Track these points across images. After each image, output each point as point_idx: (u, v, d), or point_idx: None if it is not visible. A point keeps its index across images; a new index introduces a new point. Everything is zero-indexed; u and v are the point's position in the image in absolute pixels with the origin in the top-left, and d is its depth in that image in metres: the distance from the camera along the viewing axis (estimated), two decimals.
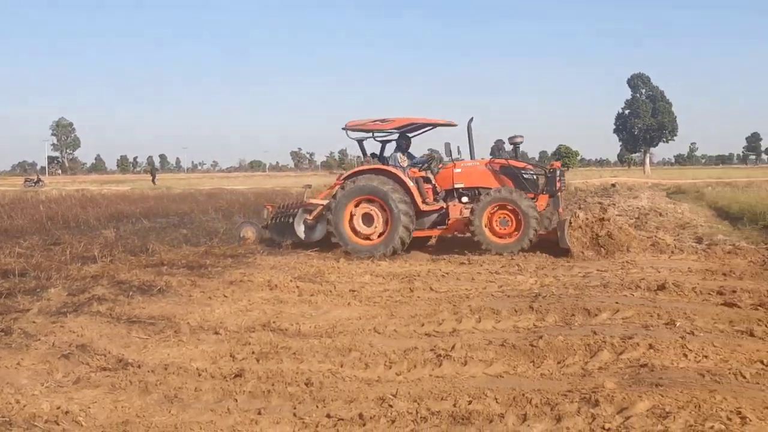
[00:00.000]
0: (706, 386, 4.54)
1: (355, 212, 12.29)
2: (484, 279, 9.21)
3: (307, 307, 7.67)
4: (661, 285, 8.06)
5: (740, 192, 24.82)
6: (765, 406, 4.15)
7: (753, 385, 4.65)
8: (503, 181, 12.68)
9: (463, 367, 5.33)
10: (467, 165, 13.07)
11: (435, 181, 13.27)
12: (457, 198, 12.94)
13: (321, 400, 4.64)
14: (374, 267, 10.42)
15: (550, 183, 12.70)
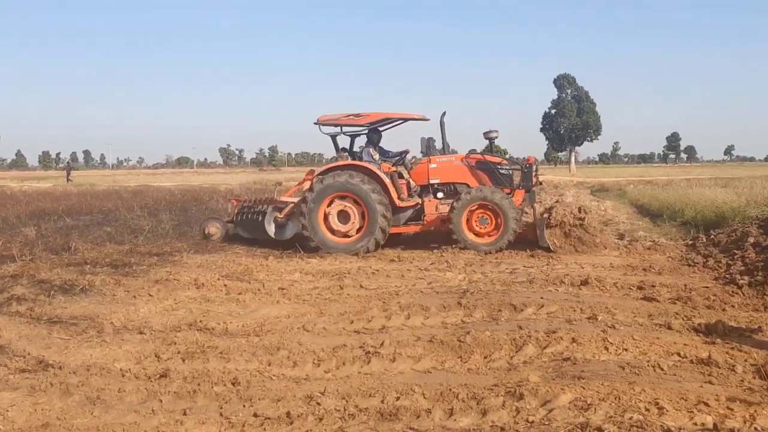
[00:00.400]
0: (626, 378, 4.68)
1: (330, 210, 12.04)
2: (414, 276, 9.27)
3: (235, 306, 7.57)
4: (584, 280, 8.28)
5: (660, 190, 25.57)
6: (681, 397, 4.30)
7: (670, 376, 4.81)
8: (479, 176, 12.60)
9: (391, 363, 5.35)
10: (442, 160, 12.89)
11: (410, 177, 13.11)
12: (432, 193, 12.77)
13: (248, 399, 4.59)
14: (304, 265, 10.34)
15: (526, 178, 12.56)
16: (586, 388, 4.45)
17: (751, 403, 4.23)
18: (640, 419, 3.94)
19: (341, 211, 12.03)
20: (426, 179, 12.77)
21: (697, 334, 5.95)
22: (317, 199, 11.97)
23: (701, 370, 4.94)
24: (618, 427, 3.86)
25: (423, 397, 4.53)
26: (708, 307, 7.03)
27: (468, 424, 4.11)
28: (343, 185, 11.95)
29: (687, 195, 20.12)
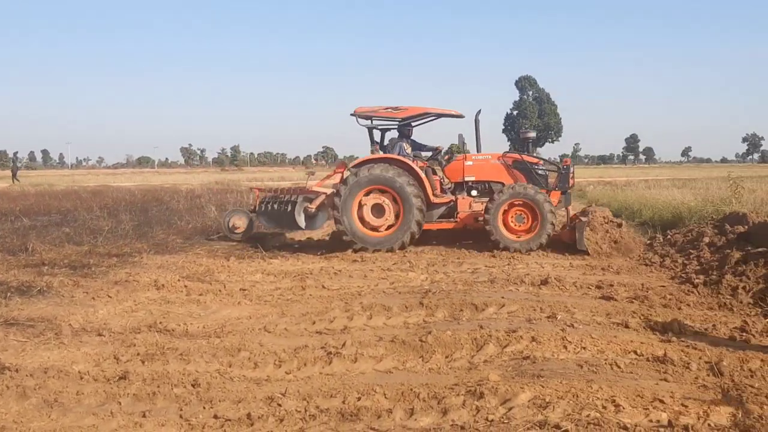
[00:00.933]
0: (584, 376, 4.76)
1: (364, 203, 11.91)
2: (377, 276, 9.28)
3: (196, 307, 7.51)
4: (544, 280, 8.38)
5: (619, 190, 25.98)
6: (637, 395, 4.37)
7: (627, 374, 4.89)
8: (515, 176, 12.49)
9: (353, 364, 5.36)
10: (479, 158, 12.78)
11: (444, 173, 12.99)
12: (466, 191, 12.66)
13: (208, 401, 4.57)
14: (265, 265, 10.29)
15: (562, 180, 12.44)
16: (544, 386, 4.51)
17: (704, 400, 4.32)
18: (597, 417, 4.01)
19: (376, 205, 11.91)
20: (461, 176, 12.66)
21: (653, 333, 6.06)
22: (351, 192, 11.82)
23: (657, 368, 5.03)
24: (575, 424, 3.92)
25: (384, 397, 4.55)
26: (664, 305, 7.16)
27: (428, 424, 4.14)
28: (378, 178, 11.82)
29: (645, 196, 20.51)
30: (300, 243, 13.27)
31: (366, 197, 11.90)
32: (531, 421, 4.03)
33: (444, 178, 12.96)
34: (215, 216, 17.20)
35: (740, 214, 11.37)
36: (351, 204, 11.79)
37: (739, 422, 3.99)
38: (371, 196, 11.91)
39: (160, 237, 13.81)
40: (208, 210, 18.61)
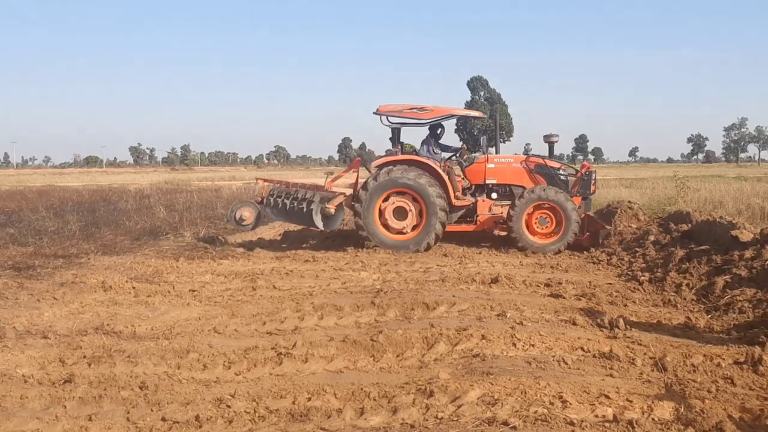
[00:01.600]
0: (532, 373, 4.82)
1: (385, 205, 11.74)
2: (328, 276, 9.26)
3: (144, 309, 7.39)
4: (494, 278, 8.48)
5: None
6: (584, 390, 4.45)
7: (574, 370, 4.97)
8: (537, 180, 12.40)
9: (303, 364, 5.34)
10: (501, 161, 12.67)
11: (465, 175, 12.82)
12: (486, 194, 12.56)
13: (156, 403, 4.50)
14: (216, 266, 10.17)
15: (584, 186, 12.39)
16: (494, 383, 4.56)
17: (648, 395, 4.42)
18: (544, 413, 4.07)
19: (399, 207, 11.75)
20: (482, 179, 12.55)
21: (600, 329, 6.17)
22: (372, 196, 11.66)
23: (603, 364, 5.12)
24: (524, 421, 3.97)
25: (334, 396, 4.55)
26: (611, 303, 7.31)
27: (379, 423, 4.15)
28: (400, 181, 11.65)
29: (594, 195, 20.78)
30: (251, 243, 13.14)
31: (387, 200, 11.76)
32: (480, 418, 4.07)
33: (464, 179, 12.84)
34: (164, 216, 16.98)
35: (684, 212, 11.67)
36: (373, 205, 11.66)
37: (682, 416, 4.09)
38: (393, 198, 11.77)
39: (108, 238, 13.56)
40: (158, 210, 18.34)
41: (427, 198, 11.51)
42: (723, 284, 7.48)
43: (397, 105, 12.33)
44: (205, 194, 25.73)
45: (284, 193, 12.37)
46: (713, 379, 4.79)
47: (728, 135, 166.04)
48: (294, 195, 12.24)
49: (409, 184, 11.59)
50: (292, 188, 12.56)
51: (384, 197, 11.72)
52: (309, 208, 11.82)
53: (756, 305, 6.60)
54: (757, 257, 7.88)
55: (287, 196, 12.26)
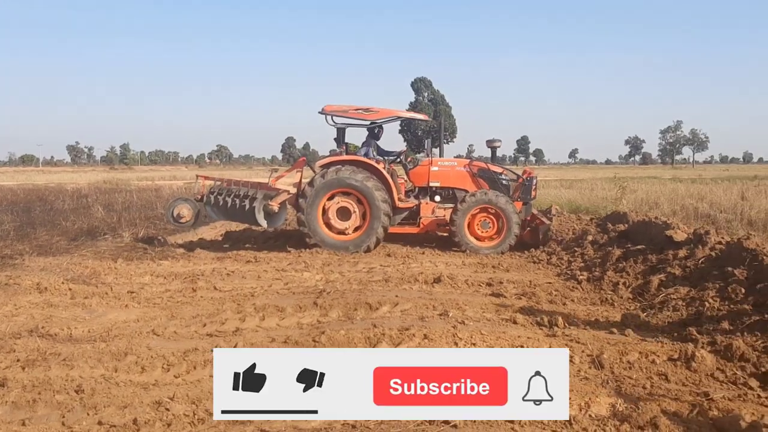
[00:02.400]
0: None
1: (329, 204, 11.64)
2: (271, 277, 9.18)
3: (81, 311, 7.22)
4: (437, 278, 8.53)
5: None
6: None
7: None
8: (480, 183, 12.50)
9: None
10: (444, 164, 12.72)
11: (408, 177, 12.80)
12: (429, 196, 12.58)
13: (92, 407, 4.40)
14: (155, 267, 9.99)
15: (525, 190, 12.50)
16: None
17: (586, 392, 4.50)
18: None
19: (342, 208, 11.69)
20: (426, 181, 12.59)
21: (540, 328, 6.27)
22: (318, 194, 11.57)
23: None
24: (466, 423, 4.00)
25: None
26: (550, 301, 7.43)
27: (320, 423, 4.13)
28: (346, 181, 11.58)
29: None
30: (191, 244, 12.96)
31: (331, 200, 11.72)
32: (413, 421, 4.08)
33: (408, 182, 12.90)
34: (102, 216, 16.63)
35: (621, 213, 11.93)
36: (317, 205, 11.60)
37: (618, 412, 4.19)
38: (337, 198, 11.74)
39: (44, 238, 13.22)
40: (96, 210, 17.95)
41: (372, 201, 11.54)
42: (658, 283, 7.68)
43: (342, 105, 12.29)
44: (144, 194, 25.30)
45: (225, 191, 12.22)
46: (648, 375, 4.91)
47: (664, 137, 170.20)
48: (236, 192, 12.09)
49: (356, 185, 11.59)
50: (234, 186, 12.39)
51: (329, 196, 11.70)
52: (251, 205, 11.69)
53: (689, 303, 6.79)
54: (690, 256, 8.11)
55: (228, 194, 12.10)
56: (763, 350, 5.19)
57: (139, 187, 32.81)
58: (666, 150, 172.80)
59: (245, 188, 12.17)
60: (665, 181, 37.65)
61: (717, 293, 6.72)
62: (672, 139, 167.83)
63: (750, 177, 44.89)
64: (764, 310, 5.87)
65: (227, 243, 13.09)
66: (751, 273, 6.82)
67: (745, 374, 4.86)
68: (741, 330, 5.69)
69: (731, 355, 5.16)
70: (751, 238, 7.78)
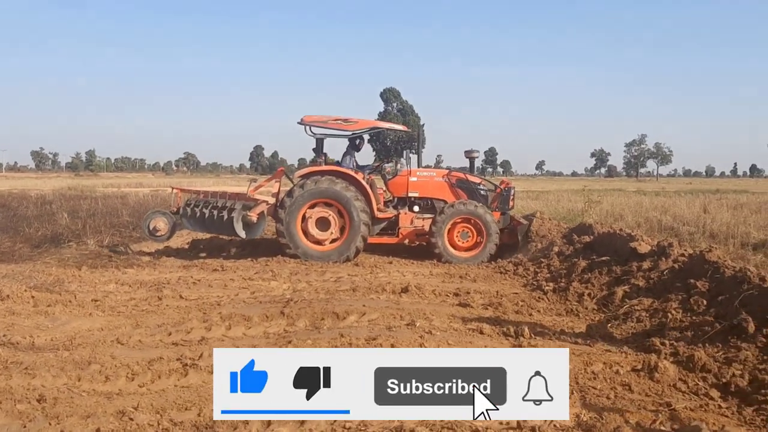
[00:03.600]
0: None
1: (309, 214, 11.56)
2: (237, 285, 9.13)
3: (44, 319, 7.10)
4: (404, 288, 8.55)
5: None
6: None
7: None
8: (459, 194, 12.56)
9: (210, 375, 5.22)
10: (423, 174, 12.76)
11: (387, 187, 12.79)
12: (408, 207, 12.58)
13: (54, 417, 4.33)
14: (120, 275, 9.88)
15: (503, 201, 12.62)
16: None
17: None
18: (450, 421, 4.12)
19: (321, 218, 11.63)
20: (405, 191, 12.61)
21: (506, 338, 6.30)
22: (297, 204, 11.51)
23: None
24: (430, 429, 4.02)
25: None
26: (516, 312, 7.50)
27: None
28: (326, 191, 11.56)
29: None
30: (157, 252, 12.83)
31: (311, 210, 11.68)
32: (388, 428, 4.09)
33: (387, 192, 12.91)
34: (67, 223, 16.37)
35: (587, 224, 12.06)
36: (297, 215, 11.56)
37: (582, 422, 4.22)
38: (317, 208, 11.70)
39: (6, 245, 13.01)
40: (60, 217, 17.66)
41: (352, 211, 11.56)
42: (622, 294, 7.78)
43: (322, 116, 12.31)
44: (110, 201, 24.97)
45: (202, 203, 12.19)
46: (612, 385, 4.97)
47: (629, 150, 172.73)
48: (213, 204, 12.05)
49: (337, 196, 11.60)
50: (212, 198, 12.35)
51: (309, 206, 11.69)
52: (230, 216, 11.64)
53: (652, 314, 6.88)
54: (654, 268, 8.22)
55: (206, 206, 12.07)
56: (724, 361, 5.28)
57: (104, 194, 32.31)
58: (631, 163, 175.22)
59: (223, 200, 12.15)
60: (630, 193, 38.13)
61: (680, 305, 6.82)
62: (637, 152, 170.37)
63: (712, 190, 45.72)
64: (725, 322, 5.97)
65: (194, 251, 13.00)
66: (712, 285, 6.93)
67: (707, 385, 4.94)
68: (703, 341, 5.79)
69: (693, 366, 5.24)
70: (712, 250, 7.91)
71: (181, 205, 12.47)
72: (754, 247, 12.64)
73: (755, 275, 6.57)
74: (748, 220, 16.94)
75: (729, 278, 6.80)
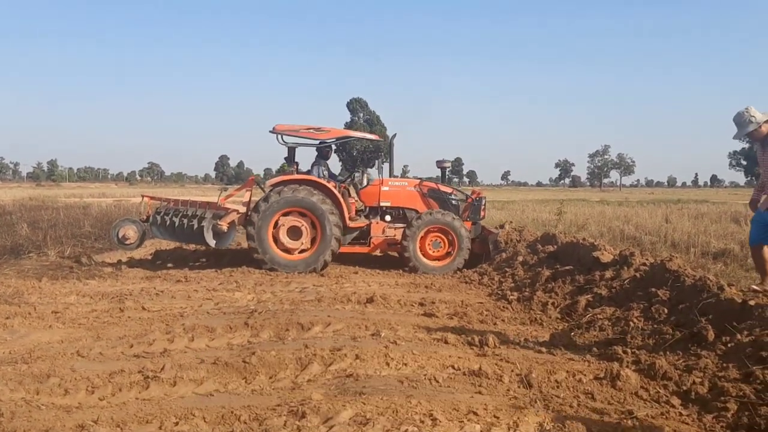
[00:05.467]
0: (404, 392, 4.87)
1: (281, 223, 11.48)
2: (201, 296, 9.04)
3: (1, 331, 6.93)
4: (370, 298, 8.55)
5: None
6: (453, 408, 4.54)
7: (445, 388, 5.07)
8: (430, 203, 12.62)
9: (172, 387, 5.18)
10: (395, 184, 12.77)
11: (359, 197, 12.74)
12: (380, 216, 12.56)
13: (12, 431, 4.24)
14: (81, 286, 9.73)
15: (474, 210, 12.67)
16: (366, 403, 4.57)
17: (515, 411, 4.55)
18: (414, 431, 4.12)
19: (292, 227, 11.56)
20: (376, 201, 12.63)
21: (470, 348, 6.33)
22: (270, 212, 11.44)
23: (473, 381, 5.25)
24: None
25: (204, 420, 4.43)
26: (481, 321, 7.53)
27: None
28: (303, 201, 11.51)
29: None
30: (120, 263, 12.66)
31: (284, 218, 11.63)
32: None
33: (359, 201, 12.89)
34: (27, 234, 16.08)
35: (551, 234, 12.16)
36: (268, 224, 11.50)
37: (545, 431, 4.25)
38: (289, 217, 11.65)
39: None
40: (20, 227, 17.35)
41: (323, 221, 11.56)
42: (585, 303, 7.85)
43: (294, 125, 12.29)
44: (72, 211, 24.59)
45: (173, 211, 12.08)
46: (575, 394, 5.00)
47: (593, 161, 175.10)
48: (183, 213, 11.96)
49: (313, 207, 11.59)
50: (182, 206, 12.24)
51: (280, 215, 11.66)
52: (200, 225, 11.57)
53: (615, 323, 6.95)
54: (616, 277, 8.32)
55: (176, 214, 11.97)
56: (685, 369, 5.34)
57: (66, 204, 31.82)
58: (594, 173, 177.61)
59: (193, 208, 12.06)
60: (593, 203, 38.58)
61: (641, 313, 6.90)
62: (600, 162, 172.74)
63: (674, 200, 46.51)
64: (686, 330, 6.06)
65: (157, 261, 12.85)
66: (673, 294, 7.03)
67: (668, 392, 4.99)
68: (664, 349, 5.87)
69: (654, 374, 5.30)
70: (673, 259, 8.02)
71: (151, 213, 12.34)
72: (714, 256, 12.86)
73: (714, 284, 6.68)
74: (709, 230, 17.24)
75: (689, 287, 6.90)
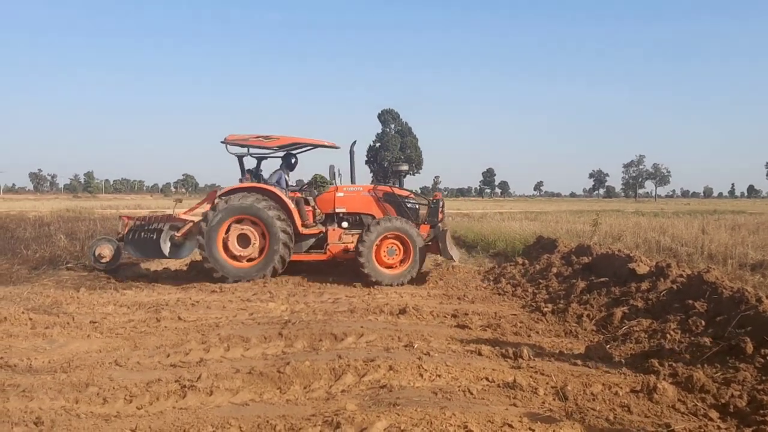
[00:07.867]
0: (438, 404, 4.86)
1: (231, 231, 11.58)
2: (235, 307, 9.12)
3: (41, 341, 7.08)
4: (402, 309, 8.54)
5: (475, 222, 26.90)
6: (488, 420, 4.51)
7: (479, 400, 5.05)
8: (386, 208, 12.56)
9: (208, 397, 5.23)
10: (350, 190, 12.72)
11: (316, 204, 12.78)
12: (337, 223, 12.57)
13: None
14: (118, 296, 9.88)
15: (432, 214, 12.67)
16: (400, 414, 4.57)
17: (550, 424, 4.52)
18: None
19: (241, 235, 11.63)
20: (332, 208, 12.59)
21: (504, 360, 6.29)
22: (219, 220, 11.52)
23: (507, 394, 5.22)
24: None
25: (240, 430, 4.46)
26: (515, 333, 7.48)
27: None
28: (247, 208, 11.59)
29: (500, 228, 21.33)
30: (156, 273, 12.83)
31: (236, 225, 11.69)
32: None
33: (316, 208, 12.89)
34: (65, 245, 16.35)
35: (585, 245, 12.06)
36: (217, 231, 11.56)
37: None
38: (239, 225, 11.71)
39: (4, 267, 13.00)
40: (58, 239, 17.65)
41: (272, 228, 11.60)
42: (621, 315, 7.77)
43: (243, 134, 12.39)
44: (108, 223, 24.92)
45: (140, 227, 12.48)
46: (611, 407, 4.95)
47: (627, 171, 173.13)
48: (147, 227, 12.36)
49: (259, 213, 11.64)
50: (148, 221, 12.61)
51: (231, 223, 11.72)
52: (158, 237, 11.94)
53: (651, 335, 6.87)
54: (652, 289, 8.23)
55: (141, 229, 12.39)
56: (723, 382, 5.27)
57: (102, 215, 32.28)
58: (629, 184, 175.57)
59: (156, 222, 12.43)
60: (628, 214, 38.15)
61: (678, 325, 6.81)
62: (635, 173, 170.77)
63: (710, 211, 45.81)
64: (723, 342, 5.97)
65: (192, 273, 12.98)
66: (710, 306, 6.93)
67: (706, 405, 4.93)
68: (701, 362, 5.78)
69: (692, 387, 5.23)
70: (711, 271, 7.92)
71: (125, 232, 12.71)
72: (752, 268, 12.65)
73: (753, 296, 6.57)
74: (746, 241, 16.94)
75: (727, 299, 6.80)
